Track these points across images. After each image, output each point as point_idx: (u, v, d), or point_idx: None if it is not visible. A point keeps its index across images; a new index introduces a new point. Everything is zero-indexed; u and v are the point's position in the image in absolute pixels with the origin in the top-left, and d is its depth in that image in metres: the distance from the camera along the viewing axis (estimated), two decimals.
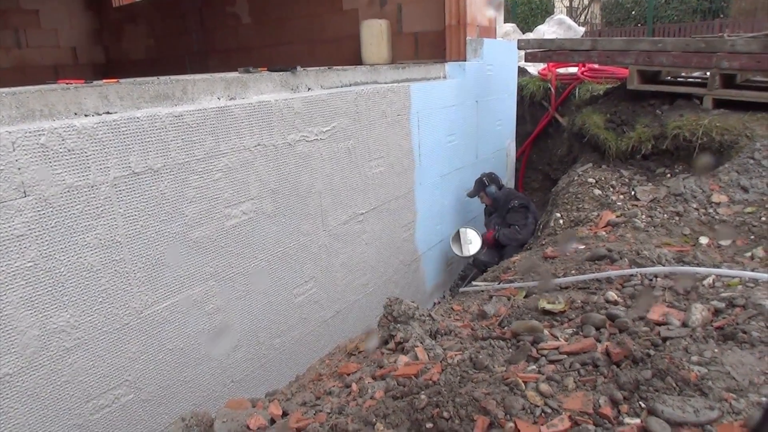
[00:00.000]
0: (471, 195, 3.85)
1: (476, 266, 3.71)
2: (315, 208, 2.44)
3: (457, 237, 3.70)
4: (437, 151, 3.49)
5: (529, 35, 5.83)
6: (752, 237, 1.97)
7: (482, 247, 3.58)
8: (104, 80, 1.61)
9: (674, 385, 1.02)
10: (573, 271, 1.89)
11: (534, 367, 1.24)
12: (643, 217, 2.47)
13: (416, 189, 3.37)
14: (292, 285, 2.36)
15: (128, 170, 1.59)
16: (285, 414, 1.36)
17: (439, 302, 3.53)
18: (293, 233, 2.31)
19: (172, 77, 1.86)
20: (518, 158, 5.20)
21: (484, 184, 3.77)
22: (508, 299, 1.84)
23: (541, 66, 5.15)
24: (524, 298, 1.82)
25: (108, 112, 1.54)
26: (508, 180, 5.01)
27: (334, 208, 2.58)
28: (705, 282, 1.54)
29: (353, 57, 3.92)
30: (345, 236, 2.72)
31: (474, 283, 2.48)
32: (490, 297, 1.96)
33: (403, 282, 3.35)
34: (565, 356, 1.25)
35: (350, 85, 2.64)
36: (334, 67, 2.64)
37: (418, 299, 3.53)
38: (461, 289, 2.54)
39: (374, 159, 2.83)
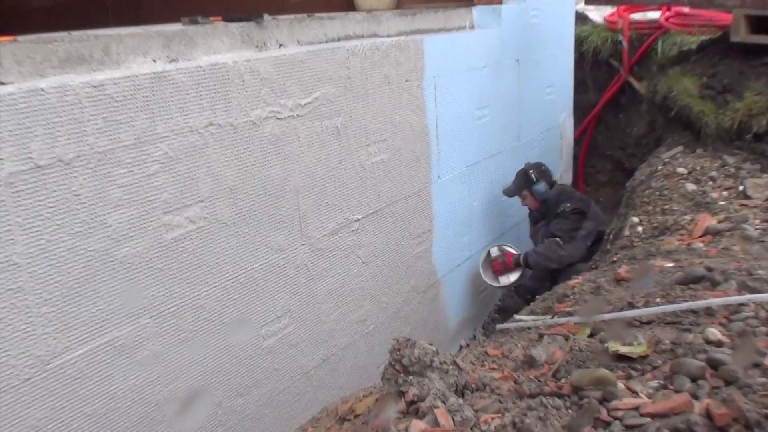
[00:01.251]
0: (510, 194, 3.94)
1: (519, 294, 3.92)
2: (291, 212, 2.47)
3: (489, 260, 3.85)
4: (463, 132, 3.55)
5: None
6: None
7: (524, 274, 3.75)
8: None
9: None
10: (658, 299, 1.89)
11: None
12: (757, 222, 2.47)
13: (433, 185, 3.42)
14: (259, 322, 2.39)
15: (29, 163, 1.57)
16: None
17: (468, 345, 3.59)
18: (260, 249, 2.34)
19: (90, 32, 1.85)
20: (577, 141, 5.17)
21: (528, 180, 3.85)
22: (566, 339, 1.85)
23: (608, 10, 5.09)
24: (589, 337, 1.83)
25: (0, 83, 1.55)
26: (563, 172, 5.04)
27: (317, 212, 2.63)
28: None
29: (343, 1, 3.96)
30: (333, 252, 2.77)
31: (517, 317, 2.51)
32: (540, 336, 1.96)
33: (415, 316, 3.40)
34: (649, 419, 1.22)
35: (339, 40, 2.65)
36: (317, 15, 2.63)
37: (437, 340, 3.59)
38: (499, 326, 2.56)
39: (374, 143, 2.87)
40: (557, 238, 3.62)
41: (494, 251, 3.86)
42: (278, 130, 2.32)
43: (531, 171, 3.79)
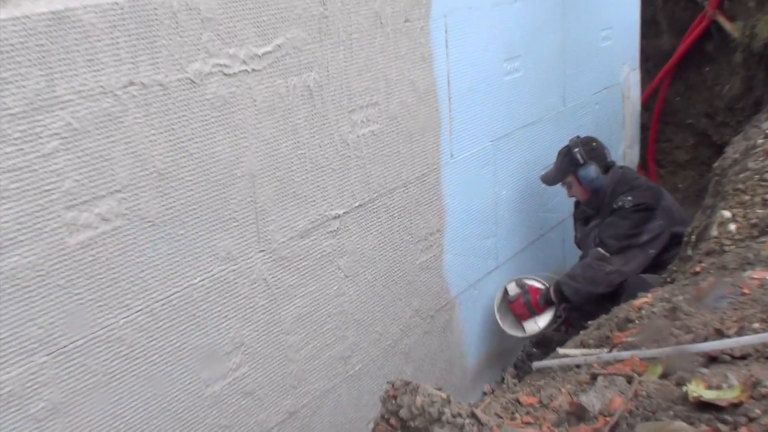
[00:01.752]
0: (549, 181, 4.06)
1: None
2: (244, 207, 2.49)
3: (506, 301, 4.01)
4: (485, 93, 3.60)
5: None
6: None
7: (555, 319, 3.96)
8: None
9: None
10: (756, 324, 1.93)
11: None
12: None
13: (444, 167, 3.48)
14: (199, 361, 2.39)
15: None
16: None
17: (494, 390, 3.63)
18: (201, 258, 2.36)
19: None
20: (646, 105, 5.23)
21: (573, 162, 3.94)
22: (629, 381, 1.86)
23: None
24: (661, 377, 1.86)
25: None
26: (625, 150, 5.15)
27: (281, 206, 2.64)
28: None
29: None
30: (304, 262, 2.81)
31: (561, 350, 2.56)
32: (593, 377, 1.96)
33: (420, 351, 3.45)
34: None
35: None
36: None
37: (451, 384, 3.63)
38: (537, 365, 2.61)
39: (360, 109, 2.90)
40: (599, 249, 3.72)
41: (512, 289, 3.97)
42: (226, 90, 2.32)
43: (577, 150, 3.85)
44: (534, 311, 3.85)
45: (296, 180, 2.66)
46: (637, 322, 2.46)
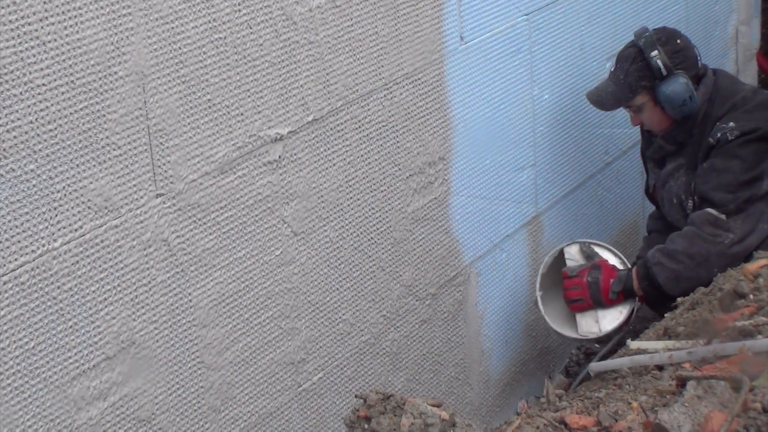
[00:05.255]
0: (607, 103, 4.06)
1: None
2: (129, 124, 2.51)
3: (553, 280, 4.01)
4: None
5: None
6: None
7: (628, 320, 3.89)
8: None
9: None
10: None
11: None
12: None
13: (450, 56, 3.59)
14: (67, 366, 2.40)
15: None
16: None
17: (529, 407, 3.72)
18: (63, 207, 2.38)
19: None
20: None
21: (650, 73, 3.91)
22: (735, 388, 1.92)
23: None
24: None
25: None
26: (739, 25, 5.23)
27: (188, 122, 2.68)
28: None
29: None
30: (226, 212, 2.85)
31: (632, 344, 2.67)
32: (681, 383, 2.03)
33: (416, 351, 3.56)
34: None
35: None
36: None
37: (465, 400, 3.72)
38: (594, 366, 2.67)
39: None
40: (711, 210, 3.70)
41: (573, 255, 3.97)
42: None
43: (655, 52, 3.81)
44: (601, 301, 3.81)
45: (212, 81, 2.68)
46: (752, 297, 2.52)
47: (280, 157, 2.93)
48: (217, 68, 2.69)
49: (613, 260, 3.90)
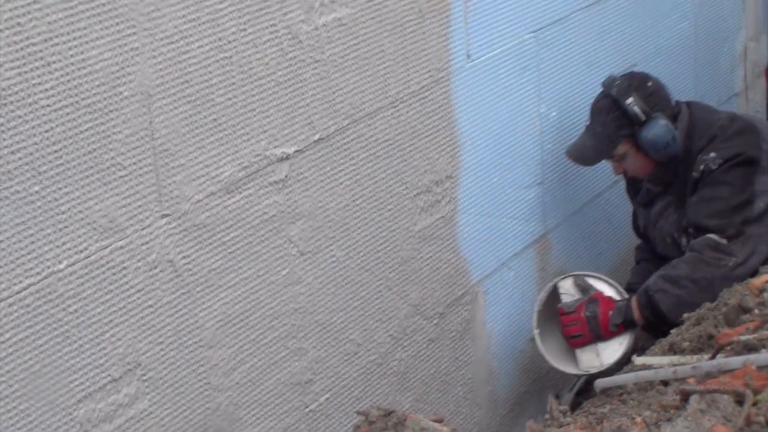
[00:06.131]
0: (588, 158, 3.99)
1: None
2: (134, 144, 2.49)
3: (549, 315, 3.97)
4: None
5: None
6: None
7: (631, 345, 3.84)
8: None
9: None
10: None
11: None
12: None
13: (457, 74, 3.56)
14: (69, 388, 2.38)
15: None
16: None
17: (535, 425, 3.67)
18: (69, 228, 2.36)
19: None
20: None
21: (629, 120, 3.82)
22: (738, 402, 1.92)
23: None
24: None
25: None
26: (747, 41, 5.26)
27: (193, 142, 2.66)
28: None
29: None
30: (232, 232, 2.82)
31: (637, 359, 2.73)
32: (684, 397, 2.03)
33: (423, 370, 3.59)
34: None
35: None
36: None
37: (472, 420, 3.72)
38: (600, 383, 2.70)
39: None
40: (712, 236, 3.68)
41: (567, 290, 3.90)
42: None
43: (630, 100, 3.77)
44: (601, 335, 3.77)
45: (217, 101, 2.67)
46: (756, 311, 2.52)
47: (286, 176, 2.92)
48: (222, 87, 2.69)
49: (608, 291, 3.87)
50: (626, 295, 3.85)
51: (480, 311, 3.70)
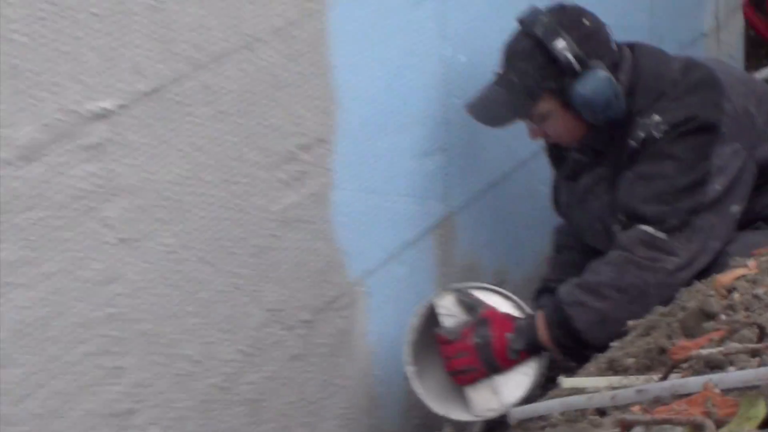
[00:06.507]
0: (498, 117, 3.99)
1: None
2: None
3: (429, 344, 3.86)
4: None
5: None
6: None
7: (540, 380, 3.79)
8: None
9: None
10: None
11: None
12: None
13: (334, 5, 3.49)
14: None
15: None
16: None
17: None
18: None
19: None
20: None
21: (558, 70, 3.79)
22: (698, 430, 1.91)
23: None
24: (764, 427, 1.93)
25: None
26: None
27: None
28: None
29: None
30: (28, 212, 2.76)
31: (565, 381, 2.79)
32: (626, 430, 2.07)
33: (283, 397, 3.49)
34: None
35: None
36: None
37: None
38: (516, 412, 2.83)
39: None
40: (645, 228, 3.59)
41: (447, 309, 3.75)
42: None
43: (561, 41, 3.70)
44: (496, 366, 3.62)
45: (13, 38, 2.59)
46: (723, 317, 2.59)
47: (104, 139, 2.81)
48: (20, 20, 2.59)
49: (504, 306, 3.73)
50: (529, 311, 3.73)
51: (360, 319, 3.60)
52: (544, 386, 3.64)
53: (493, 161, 4.22)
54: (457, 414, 3.71)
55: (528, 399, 3.59)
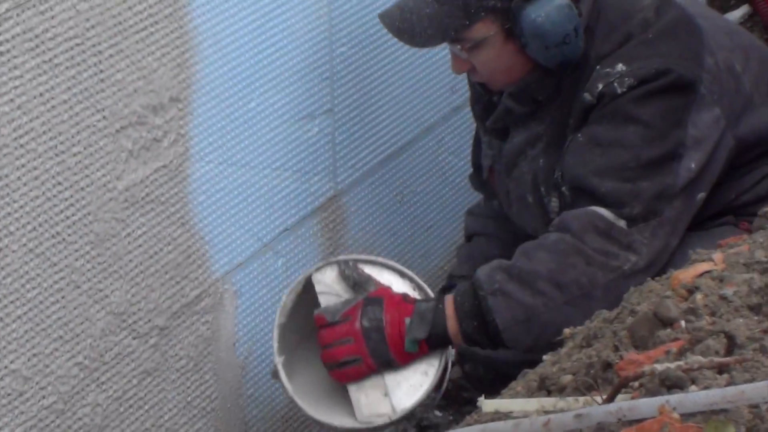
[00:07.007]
0: (423, 37, 3.67)
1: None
2: None
3: (302, 330, 3.67)
4: None
5: None
6: None
7: (439, 384, 3.54)
8: None
9: None
10: None
11: None
12: None
13: None
14: None
15: None
16: None
17: None
18: None
19: None
20: None
21: None
22: None
23: None
24: None
25: None
26: None
27: None
28: None
29: None
30: None
31: (486, 403, 2.61)
32: None
33: (135, 422, 3.46)
34: None
35: None
36: None
37: None
38: None
39: None
40: (602, 211, 3.31)
41: (328, 283, 3.50)
42: None
43: None
44: (389, 359, 3.36)
45: None
46: (683, 324, 2.54)
47: None
48: None
49: (400, 285, 3.47)
50: (431, 293, 3.50)
51: (227, 324, 3.55)
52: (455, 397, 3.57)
53: (390, 127, 4.21)
54: (336, 420, 3.45)
55: (425, 405, 3.45)
